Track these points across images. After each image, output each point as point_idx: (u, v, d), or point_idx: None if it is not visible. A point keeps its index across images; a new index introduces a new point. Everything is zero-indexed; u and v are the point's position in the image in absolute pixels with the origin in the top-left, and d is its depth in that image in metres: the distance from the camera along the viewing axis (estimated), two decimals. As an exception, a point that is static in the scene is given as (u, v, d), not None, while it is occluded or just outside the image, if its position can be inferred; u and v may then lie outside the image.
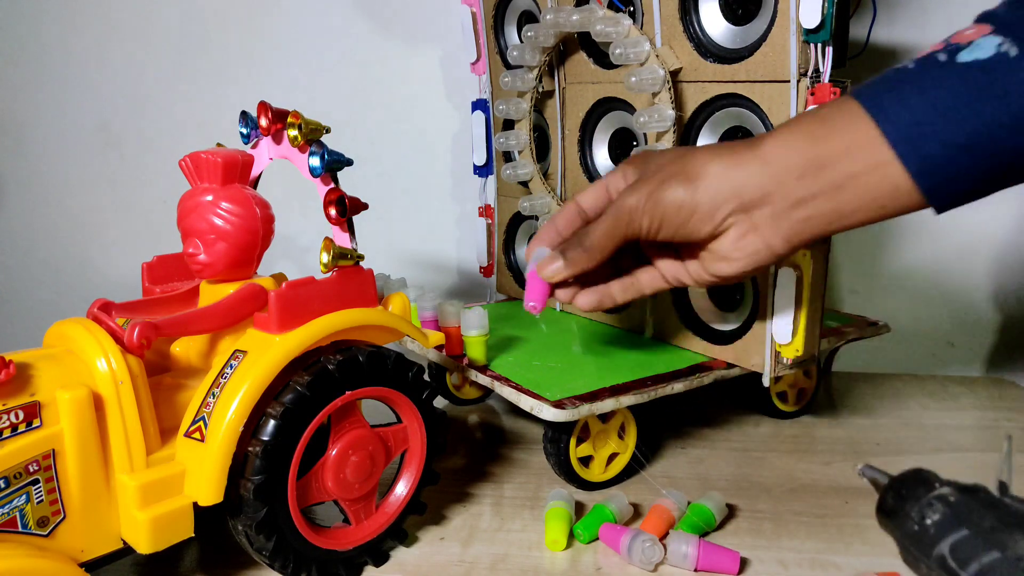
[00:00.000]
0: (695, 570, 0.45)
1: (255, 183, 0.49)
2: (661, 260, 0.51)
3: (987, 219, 0.84)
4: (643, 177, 0.46)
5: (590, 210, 0.51)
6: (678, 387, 0.56)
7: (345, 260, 0.44)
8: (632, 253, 0.52)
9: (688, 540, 0.45)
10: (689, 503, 0.50)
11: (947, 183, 0.39)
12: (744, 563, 0.46)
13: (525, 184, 0.74)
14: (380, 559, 0.47)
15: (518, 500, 0.54)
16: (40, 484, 0.36)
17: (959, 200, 0.40)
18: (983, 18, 0.39)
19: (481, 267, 0.84)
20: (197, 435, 0.40)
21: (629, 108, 0.65)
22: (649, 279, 0.52)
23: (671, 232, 0.45)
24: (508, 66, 0.75)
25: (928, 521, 0.30)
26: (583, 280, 0.51)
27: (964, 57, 0.38)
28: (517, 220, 0.81)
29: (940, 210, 0.40)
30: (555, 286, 0.50)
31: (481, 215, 0.82)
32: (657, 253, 0.51)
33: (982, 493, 0.31)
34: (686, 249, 0.49)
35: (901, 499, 0.33)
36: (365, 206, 0.45)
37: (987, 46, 0.37)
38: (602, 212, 0.50)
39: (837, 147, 0.40)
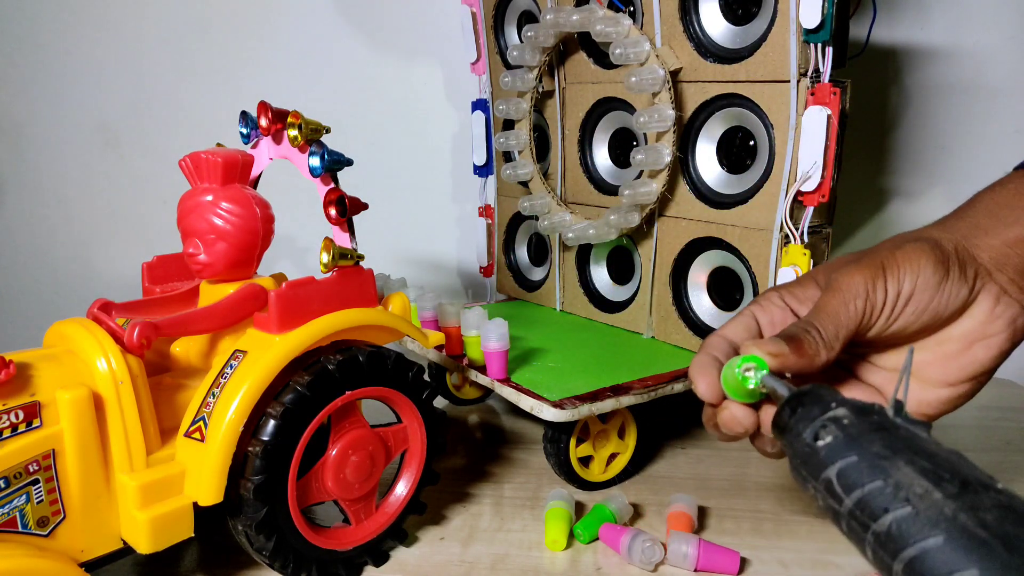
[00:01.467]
0: (695, 570, 0.45)
1: (255, 183, 0.49)
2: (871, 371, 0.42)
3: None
4: (855, 261, 0.38)
5: (738, 340, 0.39)
6: (678, 387, 0.56)
7: (345, 260, 0.44)
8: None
9: (688, 540, 0.45)
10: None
11: None
12: (744, 563, 0.46)
13: (525, 184, 0.74)
14: (380, 559, 0.47)
15: (518, 500, 0.54)
16: (40, 484, 0.36)
17: None
18: None
19: (481, 267, 0.84)
20: (197, 435, 0.40)
21: (629, 108, 0.65)
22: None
23: (922, 300, 0.37)
24: (508, 66, 0.75)
25: (820, 443, 0.29)
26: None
27: None
28: (517, 220, 0.81)
29: None
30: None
31: (481, 215, 0.82)
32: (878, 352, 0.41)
33: (876, 415, 0.29)
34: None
35: (796, 417, 0.31)
36: (365, 206, 0.45)
37: None
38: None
39: None
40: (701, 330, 0.63)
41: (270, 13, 0.91)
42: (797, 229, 0.54)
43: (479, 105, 0.80)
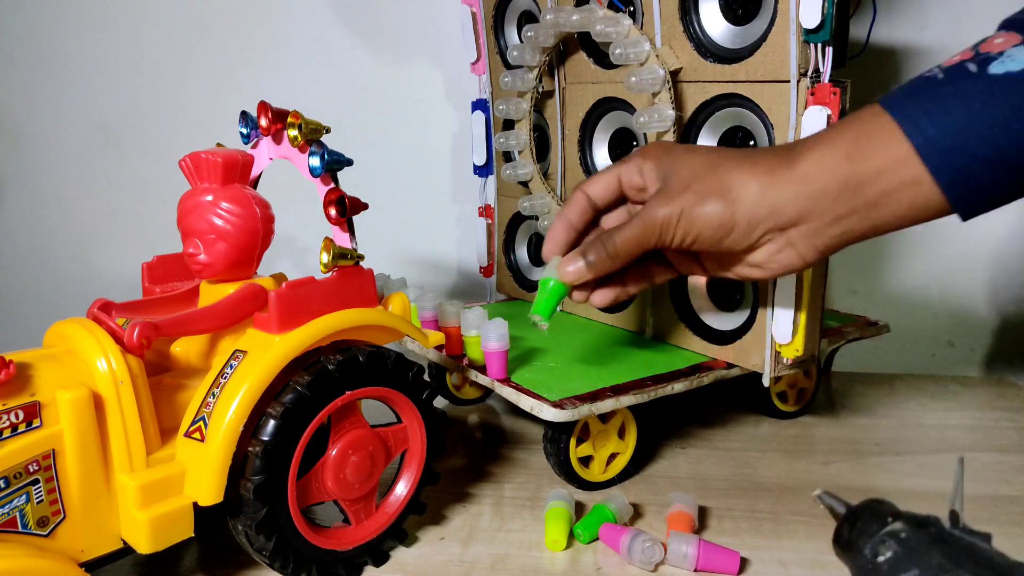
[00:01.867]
0: (695, 570, 0.45)
1: (255, 183, 0.49)
2: (678, 258, 0.51)
3: (987, 220, 0.83)
4: (672, 187, 0.45)
5: (600, 200, 0.50)
6: (678, 387, 0.56)
7: (345, 260, 0.44)
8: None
9: (688, 540, 0.45)
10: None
11: (976, 194, 0.39)
12: (744, 563, 0.46)
13: (525, 184, 0.74)
14: (380, 559, 0.47)
15: (518, 500, 0.54)
16: (40, 484, 0.36)
17: (986, 208, 0.40)
18: (1011, 25, 0.39)
19: (481, 267, 0.84)
20: (197, 435, 0.40)
21: (629, 108, 0.65)
22: (663, 272, 0.52)
23: (704, 246, 0.45)
24: (508, 66, 0.75)
25: (880, 559, 0.31)
26: (598, 279, 0.51)
27: (995, 69, 0.37)
28: (517, 220, 0.81)
29: (966, 218, 0.41)
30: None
31: (481, 215, 0.82)
32: (675, 254, 0.51)
33: (933, 527, 0.31)
34: (711, 254, 0.48)
35: (856, 532, 0.33)
36: (365, 206, 0.45)
37: (1020, 58, 0.37)
38: (613, 203, 0.50)
39: (873, 166, 0.40)
40: (701, 330, 0.63)
41: (270, 13, 0.91)
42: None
43: (479, 105, 0.80)
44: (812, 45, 0.51)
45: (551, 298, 0.49)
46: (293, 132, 0.44)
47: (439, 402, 0.71)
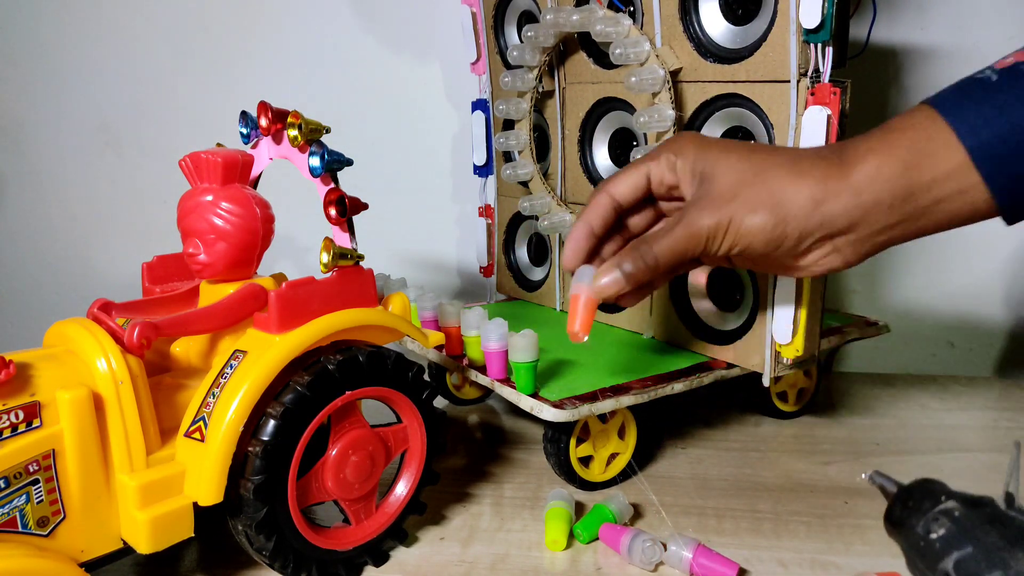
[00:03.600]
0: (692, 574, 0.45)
1: (255, 183, 0.49)
2: (711, 258, 0.48)
3: (987, 221, 0.84)
4: (717, 193, 0.43)
5: (625, 201, 0.47)
6: (678, 387, 0.56)
7: (345, 260, 0.44)
8: None
9: (686, 544, 0.45)
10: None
11: None
12: (744, 564, 0.46)
13: (525, 184, 0.74)
14: (380, 559, 0.47)
15: (518, 500, 0.54)
16: (40, 484, 0.36)
17: None
18: None
19: (481, 267, 0.84)
20: (197, 435, 0.40)
21: (629, 108, 0.65)
22: (689, 265, 0.50)
23: (750, 257, 0.44)
24: (508, 66, 0.75)
25: (933, 536, 0.31)
26: None
27: None
28: (517, 220, 0.81)
29: (1012, 223, 0.40)
30: None
31: (481, 215, 0.82)
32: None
33: (988, 507, 0.31)
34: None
35: (908, 511, 0.33)
36: (365, 206, 0.45)
37: None
38: (637, 202, 0.48)
39: (930, 176, 0.39)
40: (701, 330, 0.63)
41: (270, 13, 0.91)
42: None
43: (479, 105, 0.80)
44: (812, 45, 0.51)
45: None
46: (293, 132, 0.44)
47: (439, 402, 0.71)
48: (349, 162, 0.45)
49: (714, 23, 0.58)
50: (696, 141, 0.46)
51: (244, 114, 0.48)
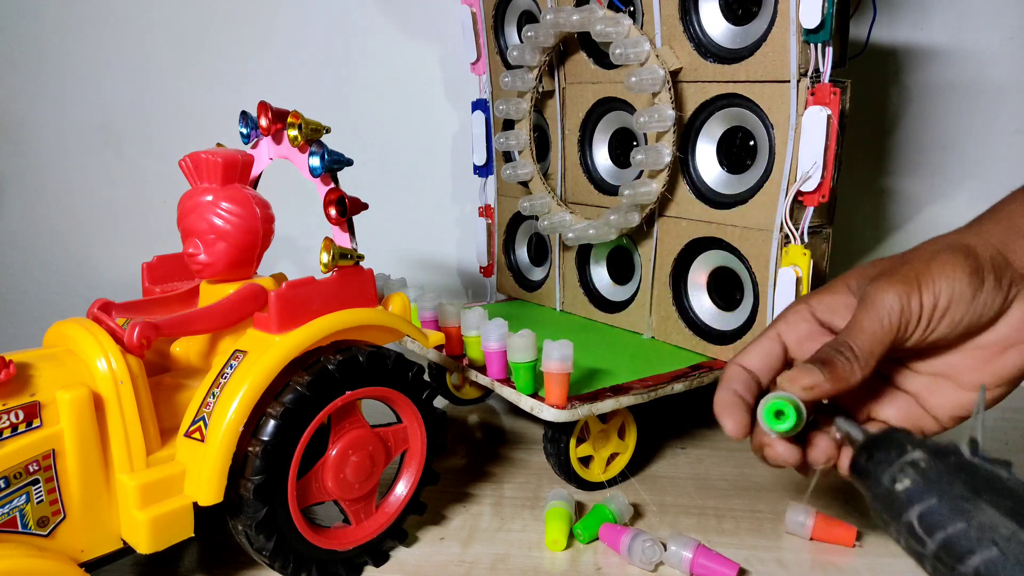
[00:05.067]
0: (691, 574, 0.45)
1: (255, 183, 0.49)
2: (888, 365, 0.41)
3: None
4: (888, 273, 0.37)
5: (759, 372, 0.40)
6: (678, 387, 0.56)
7: (345, 260, 0.44)
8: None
9: (686, 544, 0.45)
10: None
11: None
12: (744, 564, 0.46)
13: (525, 184, 0.74)
14: (380, 559, 0.47)
15: (518, 500, 0.54)
16: (40, 484, 0.36)
17: None
18: None
19: (481, 267, 0.84)
20: (197, 435, 0.40)
21: (629, 108, 0.65)
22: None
23: (950, 320, 0.37)
24: (508, 66, 0.75)
25: (899, 487, 0.30)
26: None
27: None
28: (517, 220, 0.81)
29: None
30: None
31: (481, 215, 0.82)
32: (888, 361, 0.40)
33: (953, 456, 0.30)
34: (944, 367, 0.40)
35: (873, 461, 0.32)
36: (365, 206, 0.45)
37: None
38: (774, 374, 0.40)
39: None
40: (701, 330, 0.63)
41: (270, 14, 0.91)
42: (797, 229, 0.54)
43: (479, 105, 0.80)
44: (812, 45, 0.51)
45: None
46: (293, 132, 0.44)
47: (439, 402, 0.71)
48: (349, 162, 0.45)
49: (714, 23, 0.58)
50: (838, 283, 0.40)
51: (244, 114, 0.48)
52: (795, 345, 0.40)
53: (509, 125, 0.75)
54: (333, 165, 0.44)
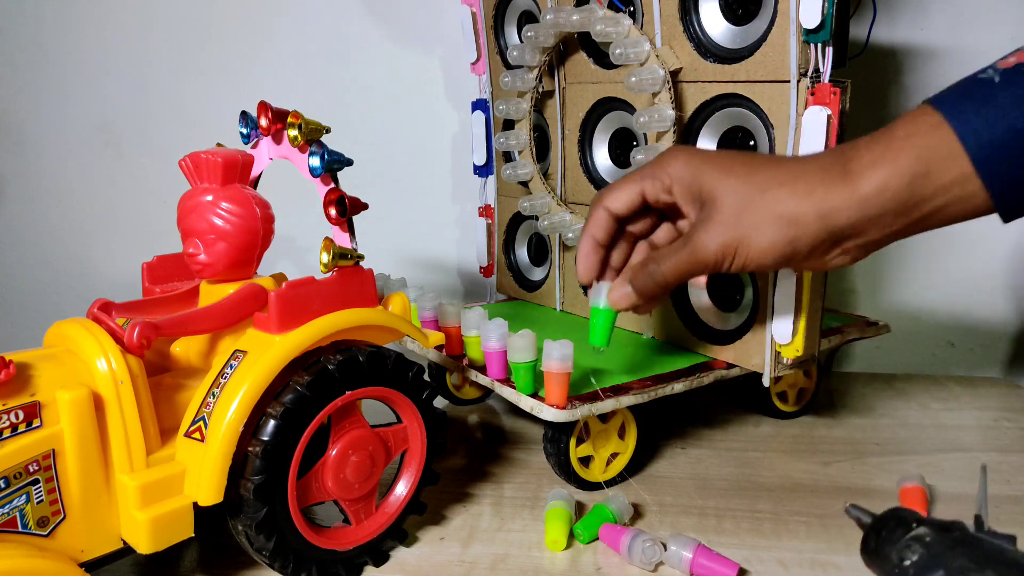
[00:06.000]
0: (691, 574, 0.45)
1: (255, 183, 0.49)
2: None
3: (987, 219, 0.84)
4: (720, 216, 0.44)
5: (621, 214, 0.49)
6: (678, 387, 0.56)
7: (345, 260, 0.44)
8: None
9: (686, 544, 0.45)
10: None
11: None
12: (744, 564, 0.46)
13: (525, 184, 0.74)
14: (380, 559, 0.47)
15: (518, 500, 0.54)
16: (40, 484, 0.36)
17: None
18: None
19: (481, 267, 0.84)
20: (197, 435, 0.40)
21: (629, 108, 0.65)
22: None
23: (761, 271, 0.45)
24: (508, 66, 0.75)
25: (907, 562, 0.32)
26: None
27: None
28: (517, 220, 0.81)
29: (1008, 221, 0.41)
30: None
31: (481, 215, 0.82)
32: None
33: (957, 531, 0.32)
34: None
35: (881, 540, 0.35)
36: (365, 206, 0.45)
37: None
38: (633, 212, 0.49)
39: (935, 186, 0.39)
40: (701, 330, 0.63)
41: (270, 14, 0.91)
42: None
43: (479, 105, 0.80)
44: (812, 45, 0.51)
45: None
46: (293, 132, 0.44)
47: (439, 402, 0.71)
48: (349, 162, 0.45)
49: (714, 23, 0.58)
50: (690, 160, 0.46)
51: (244, 114, 0.48)
52: (652, 201, 0.48)
53: (509, 125, 0.75)
54: (333, 165, 0.44)
